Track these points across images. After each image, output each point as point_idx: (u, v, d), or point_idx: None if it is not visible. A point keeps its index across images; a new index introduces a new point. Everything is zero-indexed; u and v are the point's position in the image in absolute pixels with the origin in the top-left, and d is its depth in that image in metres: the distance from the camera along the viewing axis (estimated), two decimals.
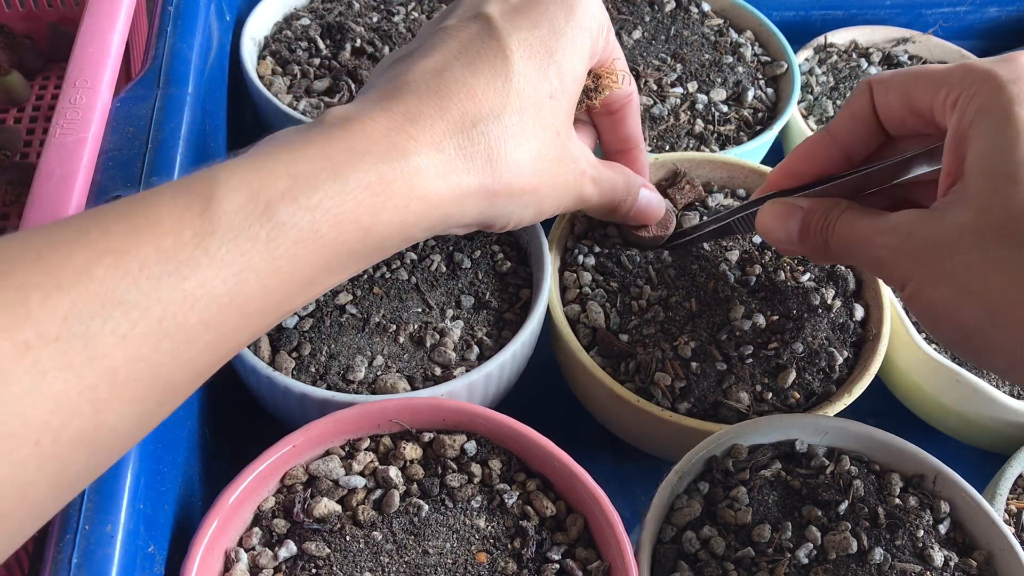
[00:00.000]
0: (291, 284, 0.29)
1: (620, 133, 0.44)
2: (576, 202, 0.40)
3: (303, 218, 0.28)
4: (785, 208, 0.39)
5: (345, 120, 0.31)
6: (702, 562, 0.37)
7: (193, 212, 0.26)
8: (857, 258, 0.37)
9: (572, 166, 0.38)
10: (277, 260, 0.28)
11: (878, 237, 0.35)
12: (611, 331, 0.46)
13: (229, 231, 0.27)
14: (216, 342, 0.27)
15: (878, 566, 0.37)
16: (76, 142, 0.42)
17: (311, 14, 0.61)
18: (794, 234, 0.39)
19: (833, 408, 0.43)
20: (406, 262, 0.45)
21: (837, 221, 0.37)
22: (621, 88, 0.41)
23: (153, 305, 0.25)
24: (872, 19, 0.72)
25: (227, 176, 0.28)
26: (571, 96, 0.37)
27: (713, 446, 0.40)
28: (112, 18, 0.48)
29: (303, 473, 0.38)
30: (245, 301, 0.27)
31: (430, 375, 0.42)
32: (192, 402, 0.42)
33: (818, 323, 0.46)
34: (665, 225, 0.48)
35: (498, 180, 0.34)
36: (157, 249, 0.25)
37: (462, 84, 0.33)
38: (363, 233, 0.30)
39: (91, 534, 0.31)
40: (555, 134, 0.36)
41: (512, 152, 0.34)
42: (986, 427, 0.47)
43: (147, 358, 0.25)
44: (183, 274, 0.26)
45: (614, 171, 0.42)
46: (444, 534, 0.37)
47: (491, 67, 0.34)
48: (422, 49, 0.35)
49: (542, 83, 0.35)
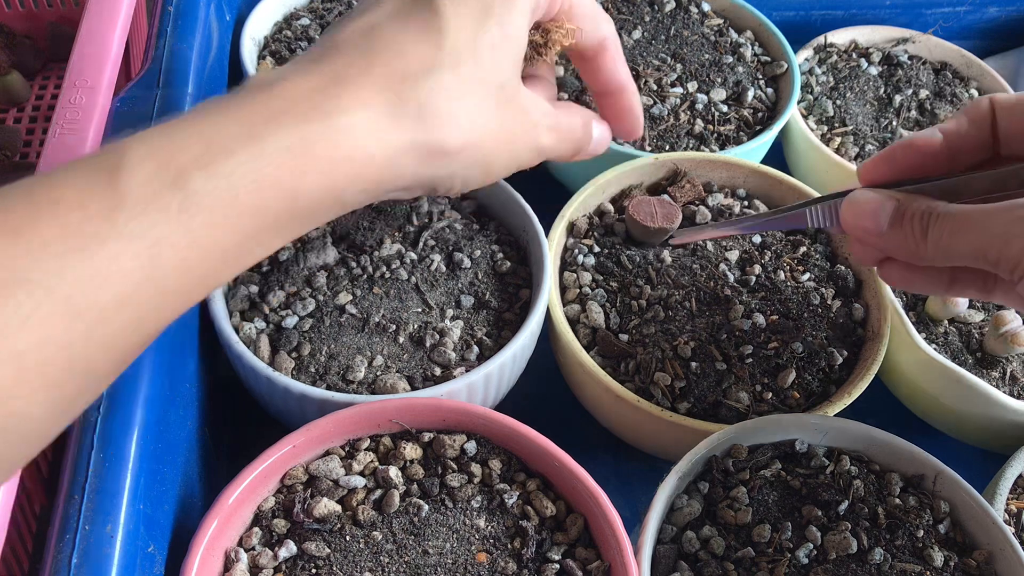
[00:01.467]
0: (214, 256, 0.28)
1: (600, 78, 0.43)
2: (533, 155, 0.38)
3: (218, 185, 0.27)
4: (878, 195, 0.37)
5: (268, 83, 0.30)
6: (702, 562, 0.37)
7: (100, 185, 0.25)
8: (967, 243, 0.34)
9: (521, 118, 0.37)
10: (194, 231, 0.27)
11: (1005, 212, 0.33)
12: (611, 331, 0.46)
13: (138, 203, 0.26)
14: (136, 320, 0.26)
15: (878, 566, 0.37)
16: (76, 142, 0.42)
17: (311, 14, 0.61)
18: (884, 222, 0.37)
19: (833, 408, 0.43)
20: (406, 262, 0.45)
21: (942, 209, 0.35)
22: (572, 41, 0.39)
23: (58, 283, 0.24)
24: (872, 19, 0.72)
25: (136, 145, 0.27)
26: (515, 48, 0.36)
27: (713, 446, 0.40)
28: (112, 18, 0.48)
29: (303, 473, 0.38)
30: (163, 276, 0.26)
31: (430, 375, 0.42)
32: (192, 402, 0.42)
33: (818, 323, 0.46)
34: (671, 218, 0.48)
35: (431, 136, 0.32)
36: (61, 225, 0.24)
37: (391, 41, 0.32)
38: (288, 199, 0.29)
39: (91, 534, 0.31)
40: (498, 87, 0.35)
41: (445, 107, 0.33)
42: (986, 427, 0.47)
43: (57, 339, 0.24)
44: (91, 250, 0.25)
45: (570, 114, 0.41)
46: (444, 534, 0.37)
47: (423, 22, 0.33)
48: (356, 9, 0.35)
49: (481, 35, 0.34)
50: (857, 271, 0.50)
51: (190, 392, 0.42)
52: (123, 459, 0.33)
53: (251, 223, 0.28)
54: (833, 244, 0.52)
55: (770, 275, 0.48)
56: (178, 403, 0.40)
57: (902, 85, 0.65)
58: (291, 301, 0.43)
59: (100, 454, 0.33)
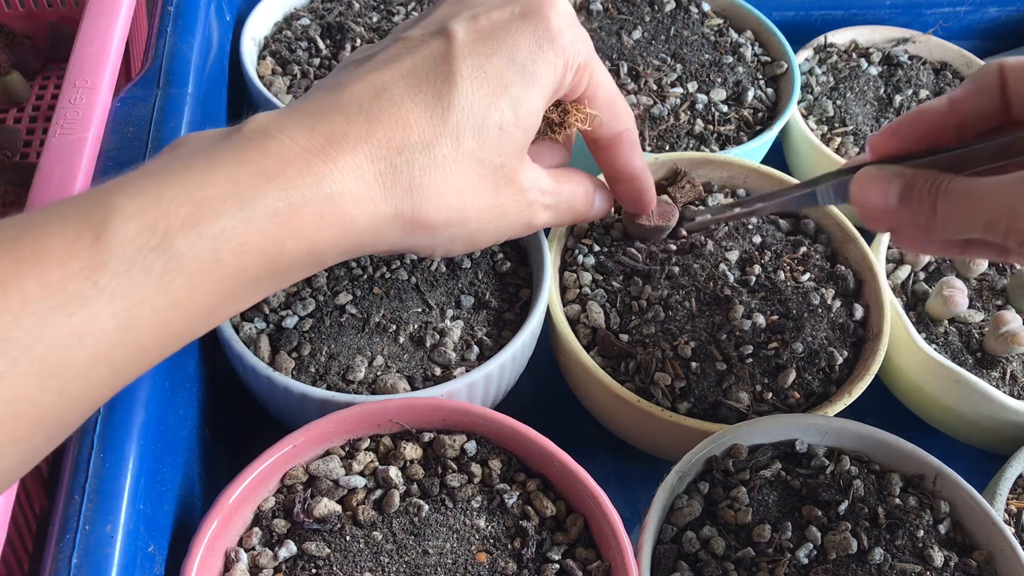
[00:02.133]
0: (192, 314, 0.28)
1: (613, 166, 0.43)
2: (525, 230, 0.38)
3: (203, 248, 0.27)
4: (884, 173, 0.37)
5: (264, 135, 0.30)
6: (702, 562, 0.37)
7: (84, 242, 0.25)
8: (976, 216, 0.34)
9: (517, 198, 0.36)
10: (174, 292, 0.27)
11: (1012, 185, 0.32)
12: (611, 331, 0.46)
13: (121, 263, 0.25)
14: (111, 376, 0.26)
15: (878, 566, 0.37)
16: (76, 142, 0.42)
17: (311, 14, 0.61)
18: (893, 199, 0.36)
19: (833, 408, 0.43)
20: (406, 262, 0.45)
21: (951, 181, 0.35)
22: (589, 128, 0.39)
23: (36, 342, 0.24)
24: (872, 19, 0.72)
25: (124, 202, 0.26)
26: (525, 129, 0.35)
27: (713, 446, 0.40)
28: (112, 18, 0.48)
29: (303, 473, 0.38)
30: (140, 335, 0.26)
31: (430, 375, 0.42)
32: (192, 402, 0.42)
33: (818, 323, 0.46)
34: (667, 216, 0.48)
35: (417, 211, 0.32)
36: (42, 283, 0.24)
37: (397, 108, 0.32)
38: (269, 261, 0.29)
39: (91, 534, 0.31)
40: (498, 167, 0.35)
41: (436, 184, 0.33)
42: (986, 427, 0.47)
43: (31, 397, 0.24)
44: (69, 309, 0.24)
45: (573, 185, 0.41)
46: (444, 534, 0.37)
47: (434, 92, 0.33)
48: (373, 61, 0.34)
49: (491, 113, 0.33)
50: (857, 271, 0.50)
51: (190, 392, 0.42)
52: (123, 459, 0.33)
53: (231, 283, 0.28)
54: (833, 244, 0.52)
55: (770, 275, 0.48)
56: (178, 403, 0.40)
57: (902, 85, 0.65)
58: (291, 301, 0.43)
59: (100, 454, 0.33)
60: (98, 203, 0.26)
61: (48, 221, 0.26)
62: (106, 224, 0.26)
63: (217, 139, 0.30)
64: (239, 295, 0.29)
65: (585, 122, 0.39)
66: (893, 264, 0.52)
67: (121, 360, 0.26)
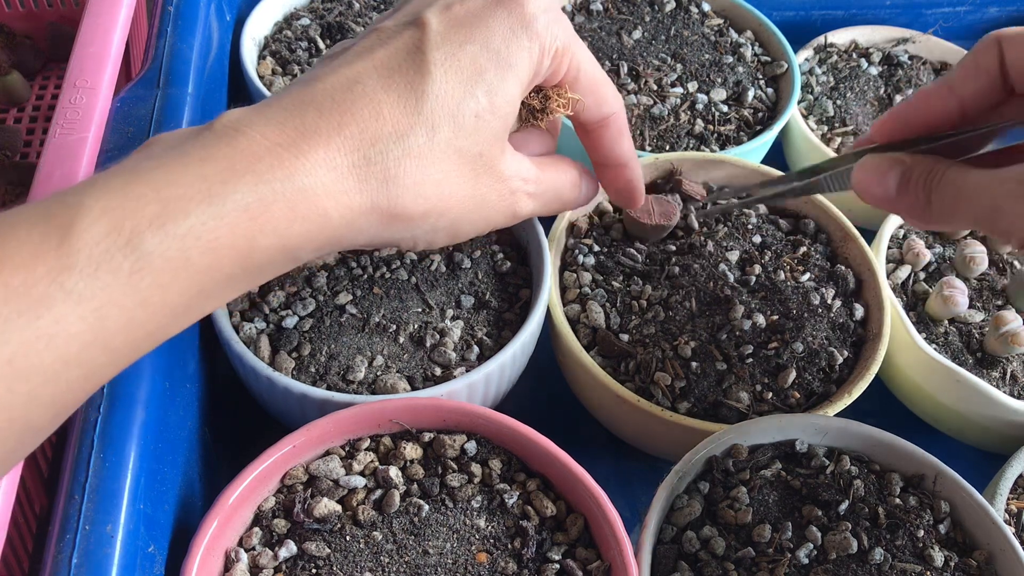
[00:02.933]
0: (163, 314, 0.27)
1: (600, 152, 0.42)
2: (508, 219, 0.38)
3: (171, 246, 0.26)
4: (884, 161, 0.37)
5: (234, 131, 0.29)
6: (702, 562, 0.37)
7: (49, 244, 0.25)
8: (965, 211, 0.34)
9: (498, 187, 0.36)
10: (143, 292, 0.26)
11: (997, 185, 0.32)
12: (611, 331, 0.46)
13: (88, 264, 0.25)
14: (82, 379, 0.26)
15: (878, 566, 0.37)
16: (76, 142, 0.42)
17: (311, 14, 0.61)
18: (892, 188, 0.36)
19: (833, 408, 0.43)
20: (406, 262, 0.45)
21: (944, 173, 0.35)
22: (571, 113, 0.38)
23: (1, 346, 0.24)
24: (872, 19, 0.72)
25: (91, 203, 0.26)
26: (502, 117, 0.35)
27: (713, 446, 0.40)
28: (112, 18, 0.48)
29: (303, 473, 0.38)
30: (110, 336, 0.26)
31: (430, 375, 0.42)
32: (192, 402, 0.42)
33: (818, 323, 0.46)
34: (668, 216, 0.48)
35: (393, 203, 0.32)
36: (5, 287, 0.24)
37: (369, 99, 0.32)
38: (241, 258, 0.29)
39: (91, 534, 0.31)
40: (476, 155, 0.34)
41: (412, 174, 0.32)
42: (986, 427, 0.47)
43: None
44: (36, 312, 0.24)
45: (558, 172, 0.40)
46: (444, 534, 0.37)
47: (407, 82, 0.32)
48: (347, 54, 0.33)
49: (466, 101, 0.33)
50: (857, 271, 0.50)
51: (190, 392, 0.42)
52: (123, 459, 0.33)
53: (202, 281, 0.28)
54: (833, 244, 0.52)
55: (770, 275, 0.48)
56: (178, 403, 0.40)
57: (902, 85, 0.65)
58: (291, 301, 0.43)
59: (100, 454, 0.33)
60: (65, 204, 0.26)
61: (14, 226, 0.25)
62: (73, 225, 0.25)
63: (188, 137, 0.30)
64: (212, 293, 0.29)
65: (567, 107, 0.38)
66: (893, 264, 0.52)
67: (92, 362, 0.26)
